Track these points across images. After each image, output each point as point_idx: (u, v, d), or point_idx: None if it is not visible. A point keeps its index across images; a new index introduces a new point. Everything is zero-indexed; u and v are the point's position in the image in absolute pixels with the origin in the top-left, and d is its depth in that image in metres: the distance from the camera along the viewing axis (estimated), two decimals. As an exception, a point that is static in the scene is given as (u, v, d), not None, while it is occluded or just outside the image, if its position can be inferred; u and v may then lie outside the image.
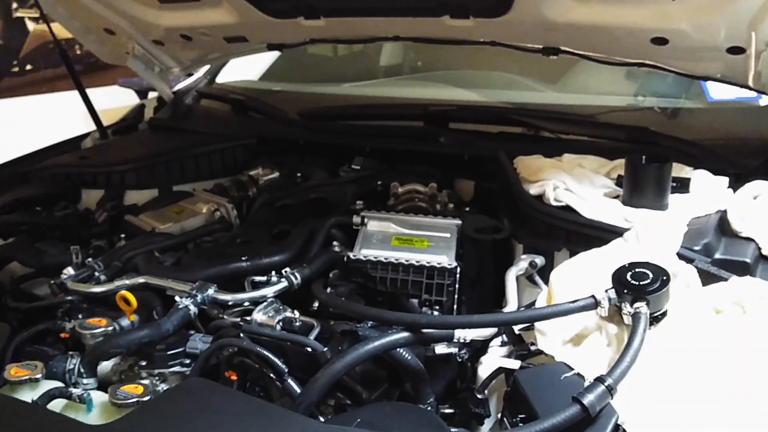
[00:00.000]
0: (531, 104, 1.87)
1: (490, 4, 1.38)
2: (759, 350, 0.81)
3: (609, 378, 0.76)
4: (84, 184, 1.73)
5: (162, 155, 1.78)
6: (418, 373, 1.00)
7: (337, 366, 0.93)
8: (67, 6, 1.82)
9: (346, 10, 1.55)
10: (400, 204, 1.46)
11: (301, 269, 1.20)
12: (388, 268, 1.17)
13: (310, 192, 1.57)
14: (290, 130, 1.90)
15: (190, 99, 2.19)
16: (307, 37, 1.75)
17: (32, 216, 1.56)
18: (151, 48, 1.95)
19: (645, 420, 0.74)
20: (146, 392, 0.92)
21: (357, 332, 1.03)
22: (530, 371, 0.87)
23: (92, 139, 2.02)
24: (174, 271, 1.23)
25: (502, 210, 1.41)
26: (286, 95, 2.19)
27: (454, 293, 1.16)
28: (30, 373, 0.96)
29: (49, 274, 1.33)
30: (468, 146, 1.67)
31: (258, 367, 1.00)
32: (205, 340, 1.09)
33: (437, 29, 1.53)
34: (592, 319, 0.93)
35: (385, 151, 1.72)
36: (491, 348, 1.01)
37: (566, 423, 0.73)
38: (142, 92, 3.59)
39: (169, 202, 1.60)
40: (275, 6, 1.58)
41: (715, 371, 0.79)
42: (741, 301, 0.90)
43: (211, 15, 1.69)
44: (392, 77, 2.43)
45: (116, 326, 1.11)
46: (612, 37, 1.37)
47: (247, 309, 1.12)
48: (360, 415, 0.87)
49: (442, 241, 1.23)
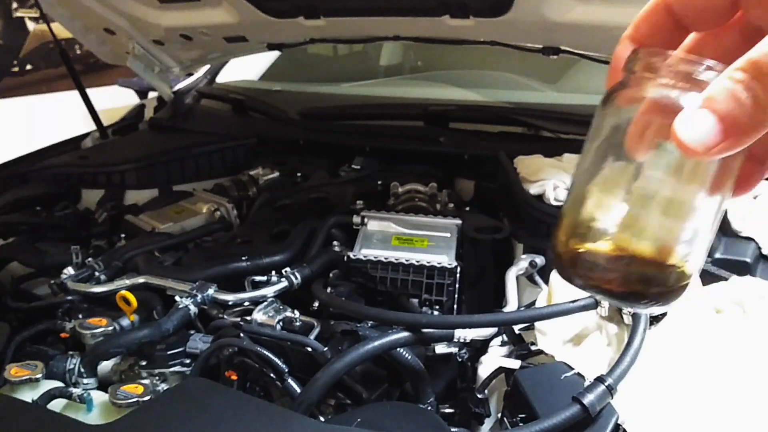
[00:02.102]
0: (531, 104, 1.87)
1: (490, 3, 1.38)
2: (759, 350, 0.81)
3: (609, 378, 0.76)
4: (84, 184, 1.73)
5: (162, 155, 1.78)
6: (419, 372, 1.00)
7: (337, 366, 0.93)
8: (67, 6, 1.82)
9: (346, 10, 1.55)
10: (400, 204, 1.46)
11: (301, 269, 1.20)
12: (388, 267, 1.17)
13: (310, 192, 1.57)
14: (290, 130, 1.90)
15: (190, 99, 2.19)
16: (307, 37, 1.75)
17: (32, 216, 1.55)
18: (151, 48, 1.95)
19: (645, 420, 0.74)
20: (146, 392, 0.92)
21: (357, 332, 1.03)
22: (530, 371, 0.87)
23: (92, 139, 2.02)
24: (174, 271, 1.23)
25: (502, 210, 1.41)
26: (286, 95, 2.19)
27: (455, 293, 1.16)
28: (30, 373, 0.96)
29: (49, 274, 1.33)
30: (468, 146, 1.67)
31: (258, 366, 1.00)
32: (205, 340, 1.08)
33: (437, 29, 1.53)
34: (592, 319, 0.93)
35: (385, 150, 1.72)
36: (491, 348, 1.01)
37: (566, 423, 0.73)
38: (142, 92, 3.59)
39: (169, 201, 1.60)
40: (275, 6, 1.58)
41: (715, 371, 0.79)
42: (741, 301, 0.90)
43: (211, 15, 1.69)
44: (392, 77, 2.44)
45: (116, 326, 1.11)
46: (612, 36, 1.36)
47: (247, 309, 1.12)
48: (360, 415, 0.87)
49: (443, 240, 1.23)
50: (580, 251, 0.39)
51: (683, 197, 0.37)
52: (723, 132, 0.31)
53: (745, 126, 0.31)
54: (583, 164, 0.40)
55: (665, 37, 0.38)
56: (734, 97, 0.31)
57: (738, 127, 0.31)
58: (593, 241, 0.39)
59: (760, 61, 0.30)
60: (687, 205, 0.37)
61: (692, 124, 0.32)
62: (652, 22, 0.39)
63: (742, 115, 0.31)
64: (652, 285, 0.38)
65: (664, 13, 0.38)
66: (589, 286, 0.40)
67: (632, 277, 0.38)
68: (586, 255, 0.39)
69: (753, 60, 0.31)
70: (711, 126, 0.31)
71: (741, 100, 0.31)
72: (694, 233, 0.38)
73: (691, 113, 0.32)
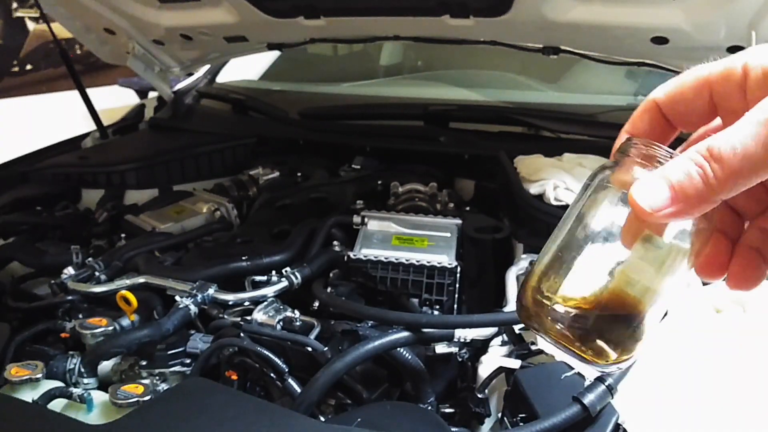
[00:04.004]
0: (531, 104, 1.87)
1: (490, 3, 1.38)
2: (759, 349, 0.81)
3: (609, 377, 0.76)
4: (84, 184, 1.73)
5: (162, 155, 1.78)
6: (419, 372, 1.00)
7: (337, 365, 0.93)
8: (67, 6, 1.82)
9: (346, 10, 1.55)
10: (400, 203, 1.46)
11: (301, 269, 1.20)
12: (389, 267, 1.17)
13: (311, 192, 1.57)
14: (290, 129, 1.91)
15: (190, 99, 2.19)
16: (307, 37, 1.75)
17: (32, 216, 1.55)
18: (151, 48, 1.95)
19: (645, 420, 0.74)
20: (147, 392, 0.92)
21: (357, 332, 1.03)
22: (530, 371, 0.87)
23: (92, 139, 2.02)
24: (174, 271, 1.23)
25: (502, 209, 1.41)
26: (286, 95, 2.19)
27: (455, 293, 1.16)
28: (30, 372, 0.96)
29: (49, 274, 1.33)
30: (468, 146, 1.67)
31: (258, 366, 1.00)
32: (205, 340, 1.08)
33: (437, 29, 1.53)
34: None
35: (386, 150, 1.72)
36: (491, 347, 1.01)
37: (567, 422, 0.73)
38: (142, 92, 3.60)
39: (169, 201, 1.60)
40: (275, 6, 1.58)
41: (715, 371, 0.79)
42: (741, 301, 0.90)
43: (211, 15, 1.69)
44: (392, 77, 2.44)
45: (116, 326, 1.11)
46: (612, 36, 1.37)
47: (247, 308, 1.12)
48: (360, 415, 0.87)
49: (443, 240, 1.24)
50: (545, 305, 0.42)
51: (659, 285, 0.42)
52: (671, 199, 0.37)
53: (692, 197, 0.37)
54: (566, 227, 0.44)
55: (657, 132, 0.44)
56: (687, 172, 0.37)
57: (685, 197, 0.37)
58: (561, 298, 0.42)
59: (716, 147, 0.36)
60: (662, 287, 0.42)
61: (647, 188, 0.38)
62: (646, 119, 0.44)
63: (690, 188, 0.37)
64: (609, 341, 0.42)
65: (655, 112, 0.44)
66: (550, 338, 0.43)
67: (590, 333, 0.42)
68: (551, 310, 0.42)
69: (710, 146, 0.37)
70: (663, 193, 0.37)
71: (691, 175, 0.37)
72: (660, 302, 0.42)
73: (647, 180, 0.38)
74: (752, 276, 0.42)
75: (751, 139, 0.35)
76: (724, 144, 0.36)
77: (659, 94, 0.43)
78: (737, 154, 0.36)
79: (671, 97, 0.43)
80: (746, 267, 0.43)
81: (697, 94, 0.41)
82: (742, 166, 0.36)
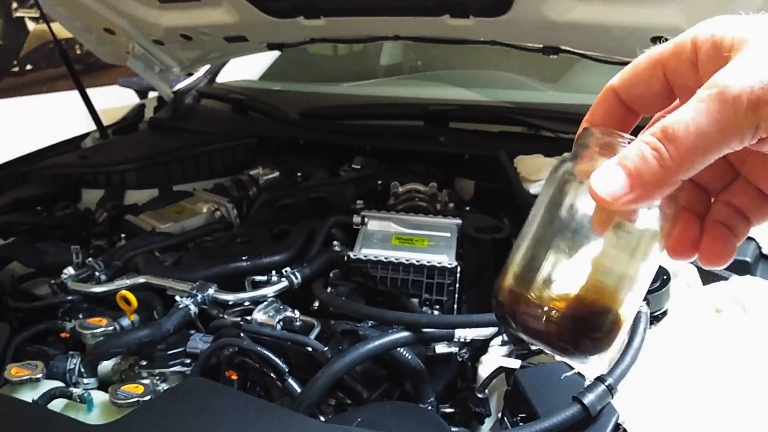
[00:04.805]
0: (531, 103, 1.87)
1: (490, 3, 1.38)
2: (759, 350, 0.81)
3: (609, 377, 0.76)
4: (84, 184, 1.73)
5: (162, 155, 1.78)
6: (419, 372, 1.00)
7: (337, 365, 0.93)
8: (67, 6, 1.82)
9: (346, 10, 1.55)
10: (400, 203, 1.46)
11: (301, 269, 1.20)
12: (389, 267, 1.17)
13: (311, 192, 1.57)
14: (290, 129, 1.90)
15: (190, 99, 2.19)
16: (307, 37, 1.75)
17: (32, 216, 1.55)
18: (151, 48, 1.95)
19: (645, 420, 0.74)
20: (147, 392, 0.92)
21: (357, 332, 1.03)
22: (531, 371, 0.87)
23: (92, 139, 2.02)
24: (174, 271, 1.23)
25: (503, 209, 1.41)
26: (286, 95, 2.19)
27: (455, 292, 1.16)
28: (30, 372, 0.96)
29: (49, 274, 1.33)
30: (468, 146, 1.67)
31: (258, 366, 1.00)
32: (205, 340, 1.08)
33: (437, 28, 1.53)
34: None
35: (386, 150, 1.72)
36: (491, 347, 1.01)
37: (567, 422, 0.73)
38: (142, 92, 3.60)
39: (169, 201, 1.60)
40: (275, 6, 1.58)
41: (715, 370, 0.79)
42: (741, 300, 0.90)
43: (211, 15, 1.69)
44: (392, 77, 2.44)
45: (117, 326, 1.11)
46: (612, 36, 1.37)
47: (247, 308, 1.12)
48: (360, 415, 0.87)
49: (443, 240, 1.23)
50: (522, 301, 0.42)
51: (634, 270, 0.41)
52: (630, 185, 0.36)
53: (650, 181, 0.36)
54: (535, 222, 0.44)
55: (617, 120, 0.43)
56: (642, 156, 0.36)
57: (643, 182, 0.36)
58: (537, 293, 0.42)
59: (670, 127, 0.35)
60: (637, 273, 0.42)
61: (605, 177, 0.37)
62: (605, 107, 0.43)
63: (647, 172, 0.36)
64: (588, 332, 0.42)
65: (614, 99, 0.43)
66: (528, 333, 0.43)
67: (569, 326, 0.42)
68: (528, 305, 0.42)
69: (664, 126, 0.36)
70: (620, 179, 0.36)
71: (647, 159, 0.36)
72: (636, 288, 0.42)
73: (605, 169, 0.37)
74: (723, 251, 0.42)
75: (703, 116, 0.34)
76: (677, 123, 0.35)
77: (615, 81, 0.42)
78: (690, 132, 0.35)
79: (627, 82, 0.42)
80: (716, 242, 0.42)
81: (652, 75, 0.40)
82: (697, 144, 0.35)
